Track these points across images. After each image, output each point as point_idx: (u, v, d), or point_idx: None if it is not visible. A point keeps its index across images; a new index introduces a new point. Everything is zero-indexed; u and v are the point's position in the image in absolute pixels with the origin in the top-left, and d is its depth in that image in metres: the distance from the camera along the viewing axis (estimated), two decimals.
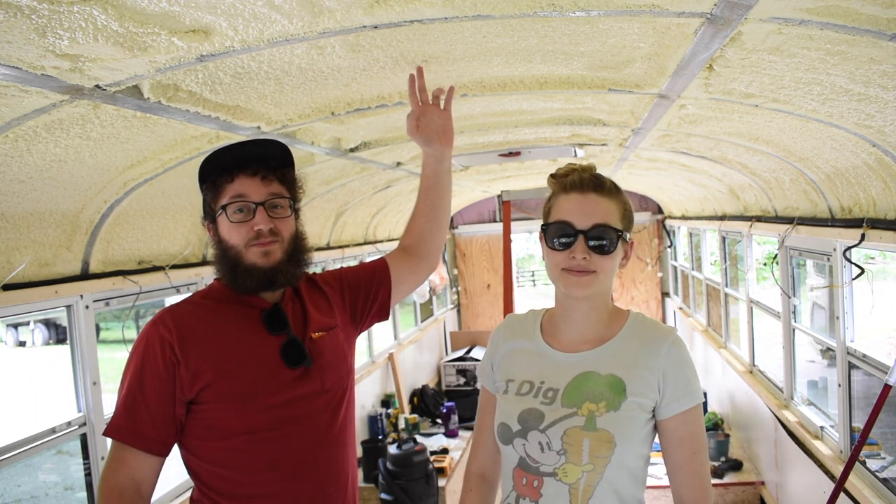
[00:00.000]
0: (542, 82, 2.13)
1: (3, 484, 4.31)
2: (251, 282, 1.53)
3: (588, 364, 1.41)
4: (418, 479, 4.30)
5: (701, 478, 1.40)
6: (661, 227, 8.44)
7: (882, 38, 1.41)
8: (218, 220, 1.54)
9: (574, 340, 1.45)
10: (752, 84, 1.97)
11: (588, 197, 1.39)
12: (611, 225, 1.38)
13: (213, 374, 1.46)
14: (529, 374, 1.44)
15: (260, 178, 1.53)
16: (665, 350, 1.39)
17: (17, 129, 1.57)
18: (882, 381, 2.57)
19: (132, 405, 1.43)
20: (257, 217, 1.51)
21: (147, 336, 1.48)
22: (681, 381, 1.38)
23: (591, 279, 1.37)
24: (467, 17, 1.41)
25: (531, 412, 1.39)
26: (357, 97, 2.13)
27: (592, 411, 1.35)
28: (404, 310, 7.34)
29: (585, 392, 1.37)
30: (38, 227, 2.11)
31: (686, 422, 1.39)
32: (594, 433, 1.33)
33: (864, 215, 2.70)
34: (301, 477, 1.52)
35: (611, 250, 1.37)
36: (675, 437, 1.39)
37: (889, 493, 2.70)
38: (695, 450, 1.40)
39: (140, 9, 1.18)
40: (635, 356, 1.39)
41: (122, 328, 2.77)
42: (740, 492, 4.55)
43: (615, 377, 1.38)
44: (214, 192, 1.54)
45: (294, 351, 1.54)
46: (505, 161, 4.11)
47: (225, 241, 1.53)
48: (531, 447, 1.37)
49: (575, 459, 1.33)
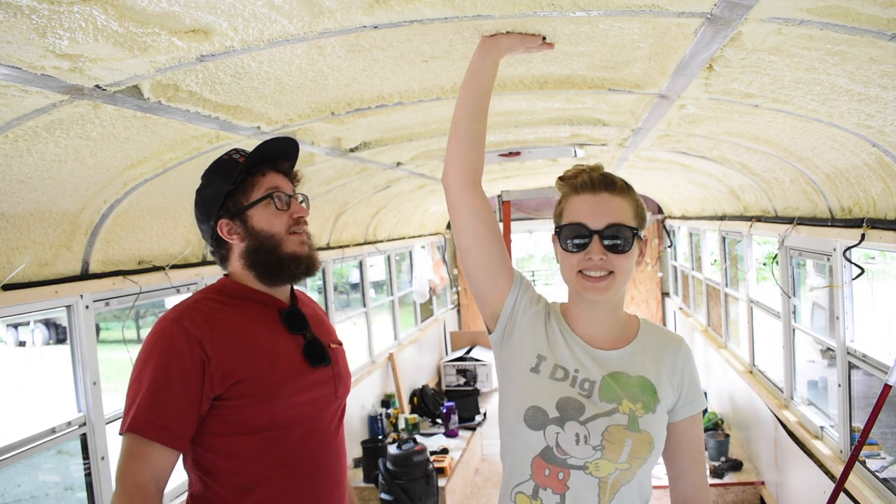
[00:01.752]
0: (542, 82, 2.13)
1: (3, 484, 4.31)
2: (295, 269, 1.58)
3: (617, 363, 1.39)
4: (418, 479, 4.30)
5: (705, 479, 1.45)
6: (661, 227, 8.45)
7: (882, 38, 1.41)
8: (250, 213, 1.56)
9: (596, 338, 1.41)
10: (752, 84, 1.97)
11: (600, 196, 1.37)
12: (625, 223, 1.35)
13: (246, 371, 1.47)
14: (564, 359, 1.38)
15: (284, 174, 1.62)
16: (682, 355, 1.43)
17: (17, 129, 1.57)
18: (882, 381, 2.57)
19: (157, 400, 1.41)
20: (293, 206, 1.59)
21: (169, 332, 1.46)
22: (694, 385, 1.43)
23: (609, 282, 1.35)
24: (467, 17, 1.41)
25: (570, 401, 1.34)
26: (357, 97, 2.13)
27: (633, 411, 1.34)
28: (404, 310, 7.35)
29: (622, 391, 1.35)
30: (38, 227, 2.11)
31: (695, 424, 1.44)
32: (637, 434, 1.32)
33: (864, 215, 2.70)
34: (309, 478, 1.55)
35: (626, 249, 1.35)
36: (685, 439, 1.43)
37: (889, 493, 2.70)
38: (700, 451, 1.45)
39: (140, 9, 1.18)
40: (658, 359, 1.40)
41: (122, 328, 2.77)
42: (740, 492, 4.55)
43: (645, 379, 1.38)
44: (247, 187, 1.56)
45: (317, 350, 1.59)
46: (505, 161, 4.11)
47: (263, 231, 1.56)
48: (565, 437, 1.32)
49: (612, 457, 1.31)
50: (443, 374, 7.34)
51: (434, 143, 3.24)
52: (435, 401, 6.55)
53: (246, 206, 1.55)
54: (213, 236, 1.59)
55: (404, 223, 6.62)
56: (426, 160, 3.78)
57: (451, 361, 7.36)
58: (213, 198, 1.57)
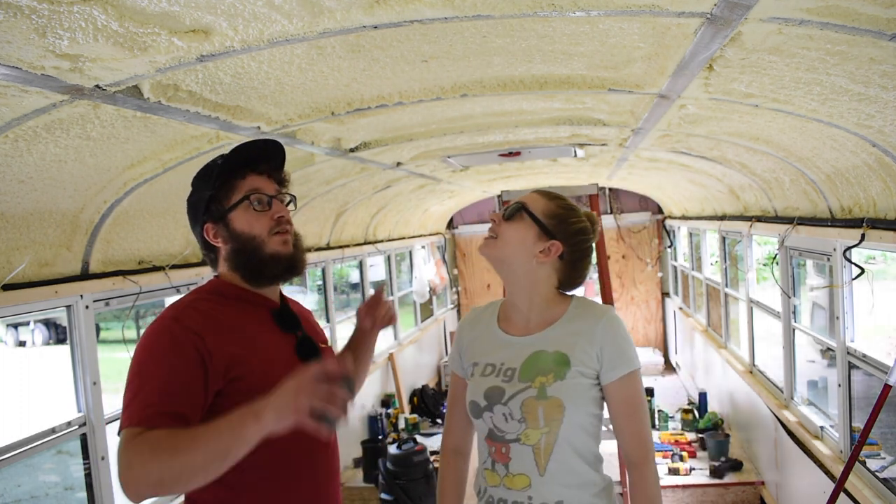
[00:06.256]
0: (542, 82, 2.13)
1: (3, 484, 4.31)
2: (276, 269, 1.58)
3: (537, 345, 1.63)
4: (418, 479, 4.30)
5: (640, 434, 1.62)
6: (661, 227, 8.45)
7: (882, 38, 1.41)
8: (231, 216, 1.57)
9: (521, 326, 1.68)
10: (752, 84, 1.97)
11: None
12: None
13: (244, 367, 1.47)
14: (491, 358, 1.67)
15: (267, 176, 1.61)
16: (602, 325, 1.61)
17: (17, 129, 1.57)
18: (882, 381, 2.57)
19: (169, 391, 1.38)
20: (275, 206, 1.59)
21: (169, 330, 1.46)
22: (616, 351, 1.59)
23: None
24: (467, 17, 1.41)
25: (494, 389, 1.62)
26: (357, 97, 2.13)
27: (543, 383, 1.57)
28: (404, 310, 7.35)
29: (537, 368, 1.60)
30: (38, 227, 2.11)
31: (623, 386, 1.60)
32: (546, 401, 1.56)
33: (864, 215, 2.70)
34: (305, 475, 1.56)
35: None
36: (615, 400, 1.61)
37: (889, 493, 2.70)
38: (633, 410, 1.62)
39: (140, 9, 1.18)
40: (576, 333, 1.62)
41: (122, 328, 2.77)
42: (740, 492, 4.55)
43: (560, 353, 1.60)
44: (226, 191, 1.57)
45: (309, 349, 1.61)
46: (505, 161, 4.11)
47: (244, 233, 1.56)
48: (497, 418, 1.60)
49: (533, 424, 1.56)
50: (443, 374, 7.34)
51: (434, 143, 3.24)
52: (435, 401, 6.56)
53: (227, 209, 1.57)
54: (202, 240, 1.62)
55: (404, 223, 6.62)
56: (426, 160, 3.79)
57: None
58: (197, 203, 1.59)
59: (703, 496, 4.54)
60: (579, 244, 1.67)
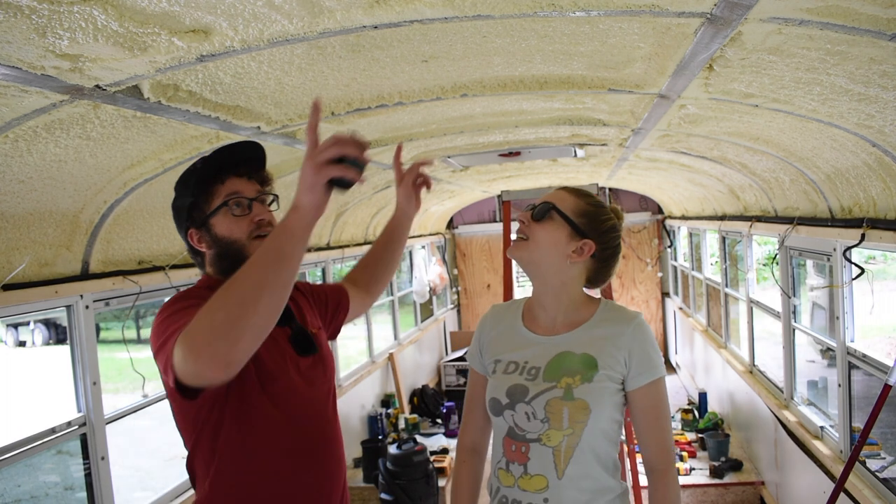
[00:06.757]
0: (542, 82, 2.13)
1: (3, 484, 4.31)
2: None
3: (564, 345, 1.61)
4: (418, 479, 4.30)
5: (664, 442, 1.60)
6: (661, 227, 8.45)
7: (882, 38, 1.41)
8: (212, 221, 1.56)
9: (548, 326, 1.66)
10: (752, 84, 1.97)
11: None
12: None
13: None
14: (514, 356, 1.64)
15: (247, 178, 1.60)
16: (631, 331, 1.59)
17: (17, 129, 1.57)
18: (882, 381, 2.57)
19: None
20: (255, 209, 1.58)
21: (186, 295, 1.49)
22: (644, 357, 1.58)
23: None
24: (467, 17, 1.41)
25: (517, 387, 1.59)
26: (357, 97, 2.13)
27: (570, 384, 1.55)
28: (404, 310, 7.34)
29: (563, 369, 1.57)
30: (38, 227, 2.11)
31: (649, 393, 1.58)
32: (572, 402, 1.53)
33: (864, 215, 2.70)
34: (311, 465, 1.58)
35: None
36: (641, 407, 1.59)
37: (889, 493, 2.70)
38: (657, 417, 1.60)
39: (140, 9, 1.18)
40: (604, 337, 1.59)
41: (122, 328, 2.77)
42: (740, 492, 4.55)
43: (588, 355, 1.58)
44: (206, 196, 1.57)
45: (303, 340, 1.63)
46: (505, 161, 4.11)
47: (225, 237, 1.56)
48: (519, 417, 1.57)
49: (556, 425, 1.53)
50: (443, 374, 7.34)
51: (434, 143, 3.24)
52: (435, 401, 6.55)
53: (208, 214, 1.56)
54: (188, 245, 1.62)
55: None
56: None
57: (451, 361, 7.36)
58: (180, 209, 1.59)
59: (703, 496, 4.54)
60: (610, 241, 1.64)
